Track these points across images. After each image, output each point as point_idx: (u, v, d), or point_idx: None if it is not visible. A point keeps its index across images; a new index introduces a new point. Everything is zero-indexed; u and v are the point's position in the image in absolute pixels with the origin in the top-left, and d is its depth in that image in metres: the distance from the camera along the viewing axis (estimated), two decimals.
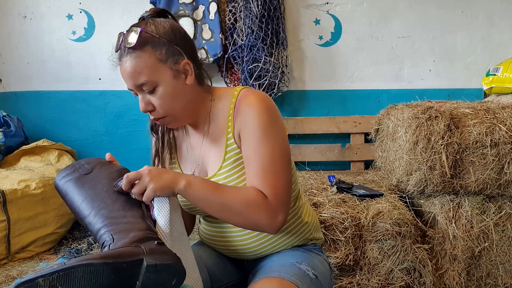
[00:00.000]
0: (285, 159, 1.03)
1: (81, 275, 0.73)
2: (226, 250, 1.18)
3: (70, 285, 0.73)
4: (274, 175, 1.00)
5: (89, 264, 0.73)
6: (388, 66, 2.89)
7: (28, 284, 0.71)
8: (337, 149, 2.86)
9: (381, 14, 2.85)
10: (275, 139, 1.02)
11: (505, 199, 1.98)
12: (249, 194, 0.98)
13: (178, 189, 0.94)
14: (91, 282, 0.73)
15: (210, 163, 1.10)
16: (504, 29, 2.85)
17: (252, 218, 0.97)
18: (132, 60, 1.00)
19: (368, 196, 2.03)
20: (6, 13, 2.93)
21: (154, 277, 0.77)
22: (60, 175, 1.02)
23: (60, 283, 0.72)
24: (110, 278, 0.74)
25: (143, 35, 0.99)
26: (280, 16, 2.72)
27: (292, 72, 2.88)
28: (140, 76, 0.99)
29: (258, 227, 1.00)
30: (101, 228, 0.87)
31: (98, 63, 2.94)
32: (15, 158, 2.60)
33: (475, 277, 1.99)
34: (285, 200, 1.01)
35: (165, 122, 1.07)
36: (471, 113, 1.97)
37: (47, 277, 0.72)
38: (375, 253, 1.84)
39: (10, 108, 2.91)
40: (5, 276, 2.09)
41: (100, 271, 0.74)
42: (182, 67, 1.03)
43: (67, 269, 0.72)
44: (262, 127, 1.01)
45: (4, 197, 2.18)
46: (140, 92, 1.02)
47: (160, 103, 1.02)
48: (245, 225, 1.01)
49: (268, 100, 1.05)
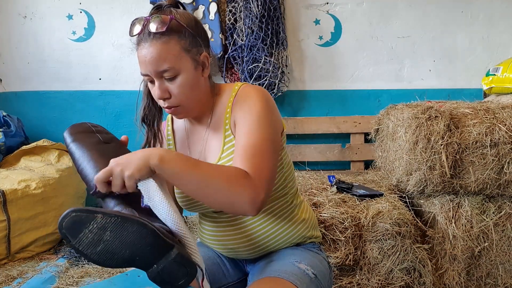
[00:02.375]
0: (273, 147, 1.01)
1: (133, 230, 0.74)
2: (225, 249, 1.18)
3: (118, 234, 0.73)
4: (259, 157, 0.97)
5: (144, 224, 0.74)
6: (388, 66, 2.89)
7: (87, 214, 0.72)
8: (337, 149, 2.86)
9: (381, 14, 2.85)
10: (267, 127, 1.01)
11: (505, 199, 1.98)
12: (231, 171, 0.92)
13: (153, 164, 0.85)
14: (134, 241, 0.74)
15: (210, 155, 1.11)
16: (504, 29, 2.85)
17: (232, 194, 0.89)
18: (158, 46, 0.99)
19: (368, 196, 2.03)
20: (6, 13, 2.93)
21: (175, 267, 0.78)
22: (75, 128, 0.99)
23: (112, 228, 0.73)
24: (147, 247, 0.75)
25: (173, 22, 0.99)
26: (280, 16, 2.72)
27: (292, 72, 2.89)
28: (163, 63, 0.99)
29: (237, 204, 0.91)
30: (121, 204, 0.86)
31: (98, 63, 2.94)
32: (15, 158, 2.60)
33: (475, 277, 1.99)
34: (267, 179, 0.96)
35: (176, 112, 1.06)
36: (471, 113, 1.97)
37: (106, 217, 0.73)
38: (375, 253, 1.84)
39: (10, 108, 2.91)
40: (5, 276, 2.09)
41: (147, 236, 0.75)
42: (202, 59, 1.05)
43: (126, 219, 0.73)
44: (256, 114, 1.02)
45: (4, 197, 2.18)
46: (158, 79, 1.01)
47: (179, 92, 1.02)
48: (223, 202, 0.92)
49: (266, 93, 1.07)
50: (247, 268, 1.22)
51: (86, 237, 0.73)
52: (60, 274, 2.14)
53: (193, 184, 0.89)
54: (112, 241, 0.73)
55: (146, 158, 0.86)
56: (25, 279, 2.08)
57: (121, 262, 0.76)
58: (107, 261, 0.75)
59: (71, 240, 0.73)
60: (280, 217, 1.13)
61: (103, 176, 0.84)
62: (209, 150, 1.11)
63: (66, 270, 2.19)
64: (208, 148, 1.12)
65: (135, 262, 0.77)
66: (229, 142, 1.07)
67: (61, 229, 0.73)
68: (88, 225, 0.72)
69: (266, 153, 0.98)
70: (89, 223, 0.72)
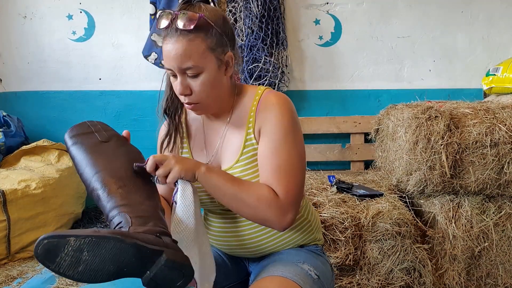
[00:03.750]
0: (301, 162, 1.06)
1: (110, 247, 0.74)
2: (230, 247, 1.17)
3: (96, 253, 0.74)
4: (288, 176, 1.02)
5: (121, 240, 0.74)
6: (388, 66, 2.89)
7: (58, 240, 0.72)
8: (337, 149, 2.86)
9: (381, 14, 2.85)
10: (294, 141, 1.04)
11: (505, 199, 1.98)
12: (261, 190, 1.00)
13: (199, 173, 0.97)
14: (115, 256, 0.74)
15: (227, 156, 1.11)
16: (504, 29, 2.85)
17: (262, 213, 0.99)
18: (183, 43, 0.98)
19: (368, 196, 2.03)
20: (6, 13, 2.93)
21: (167, 272, 0.78)
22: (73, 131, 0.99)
23: (88, 249, 0.73)
24: (132, 258, 0.75)
25: (201, 21, 0.99)
26: (280, 16, 2.72)
27: (292, 72, 2.89)
28: (187, 60, 0.99)
29: (267, 223, 1.02)
30: (120, 206, 0.86)
31: (98, 63, 2.94)
32: (15, 158, 2.60)
33: (475, 277, 1.99)
34: (295, 200, 1.03)
35: (196, 108, 1.07)
36: (471, 113, 1.97)
37: (80, 239, 0.73)
38: (375, 253, 1.84)
39: (10, 108, 2.91)
40: (5, 276, 2.09)
41: (128, 249, 0.75)
42: (226, 58, 1.05)
43: (100, 237, 0.73)
44: (283, 128, 1.04)
45: (4, 197, 2.18)
46: (181, 75, 1.01)
47: (200, 89, 1.02)
48: (254, 218, 1.03)
49: (291, 103, 1.08)
50: (249, 267, 1.22)
51: (63, 260, 0.73)
52: None
53: (227, 196, 1.00)
54: (92, 260, 0.73)
55: (196, 165, 0.98)
56: (25, 279, 2.08)
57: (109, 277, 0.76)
58: (92, 279, 0.75)
59: (50, 265, 0.73)
60: None
61: (159, 158, 0.95)
62: (226, 148, 1.12)
63: None
64: (225, 146, 1.12)
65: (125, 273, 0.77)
66: (250, 146, 1.08)
67: (37, 256, 0.73)
68: (63, 249, 0.72)
69: (294, 171, 1.03)
70: (63, 247, 0.72)
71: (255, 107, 1.08)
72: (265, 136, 1.05)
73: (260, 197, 0.99)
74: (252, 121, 1.08)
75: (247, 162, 1.07)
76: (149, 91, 2.88)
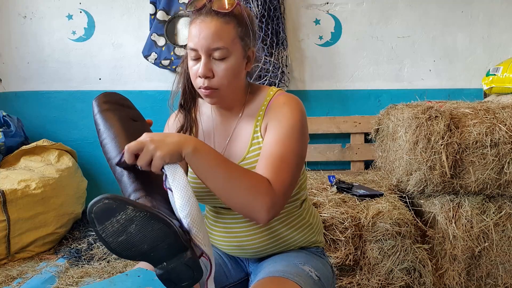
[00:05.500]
0: (300, 161, 1.04)
1: (157, 228, 0.74)
2: (231, 246, 1.17)
3: (142, 229, 0.74)
4: (285, 170, 0.99)
5: (169, 225, 0.74)
6: (388, 66, 2.89)
7: (119, 204, 0.72)
8: (337, 149, 2.86)
9: (381, 14, 2.85)
10: (298, 141, 1.03)
11: (505, 199, 1.98)
12: (256, 177, 0.94)
13: (185, 152, 0.86)
14: (156, 238, 0.75)
15: (234, 153, 1.11)
16: (504, 29, 2.85)
17: (252, 198, 0.91)
18: (217, 23, 1.00)
19: (368, 196, 2.03)
20: (6, 13, 2.93)
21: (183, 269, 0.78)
22: (106, 97, 0.98)
23: (138, 222, 0.73)
24: (166, 245, 0.75)
25: (237, 8, 1.01)
26: (280, 16, 2.72)
27: (292, 72, 2.88)
28: (218, 40, 1.00)
29: (252, 214, 0.93)
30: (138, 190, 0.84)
31: (98, 63, 2.94)
32: (15, 158, 2.60)
33: (475, 277, 1.99)
34: (286, 193, 0.98)
35: (212, 95, 1.05)
36: (471, 113, 1.97)
37: (136, 211, 0.73)
38: (375, 253, 1.84)
39: (10, 108, 2.91)
40: (5, 276, 2.09)
41: (168, 236, 0.75)
42: (249, 53, 1.08)
43: (153, 216, 0.73)
44: (289, 125, 1.03)
45: (4, 197, 2.18)
46: (206, 56, 1.01)
47: (223, 74, 1.02)
48: (241, 204, 0.93)
49: (302, 105, 1.09)
50: (249, 268, 1.22)
51: (112, 225, 0.73)
52: (60, 274, 2.14)
53: (218, 180, 0.90)
54: (135, 234, 0.74)
55: (181, 144, 0.86)
56: (25, 279, 2.08)
57: (137, 255, 0.76)
58: (124, 251, 0.75)
59: (97, 226, 0.73)
60: (289, 220, 1.14)
61: (135, 147, 0.83)
62: (234, 146, 1.12)
63: (66, 270, 2.19)
64: (232, 143, 1.12)
65: (149, 257, 0.77)
66: (256, 145, 1.08)
67: (90, 213, 0.72)
68: (117, 215, 0.72)
69: (291, 166, 1.00)
70: (119, 213, 0.72)
71: (265, 106, 1.09)
72: (270, 130, 1.04)
73: (253, 183, 0.91)
74: (260, 119, 1.09)
75: (253, 160, 1.07)
76: (149, 91, 2.88)
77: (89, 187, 2.83)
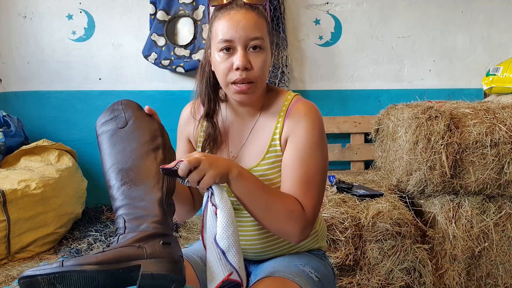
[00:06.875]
0: (324, 176, 1.06)
1: (76, 278, 0.76)
2: None
3: (68, 285, 0.76)
4: (314, 190, 1.01)
5: (82, 271, 0.76)
6: (388, 66, 2.89)
7: (30, 279, 0.75)
8: (337, 149, 2.86)
9: (381, 14, 2.85)
10: (322, 154, 1.04)
11: (505, 199, 1.98)
12: (293, 203, 0.98)
13: (231, 176, 0.91)
14: (88, 284, 0.76)
15: (247, 157, 1.09)
16: (504, 29, 2.85)
17: (288, 226, 0.97)
18: (253, 15, 1.01)
19: (368, 196, 2.03)
20: (6, 13, 2.93)
21: (151, 283, 0.78)
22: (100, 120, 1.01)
23: (58, 282, 0.76)
24: (105, 281, 0.77)
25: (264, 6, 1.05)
26: (280, 16, 2.72)
27: (292, 72, 2.88)
28: (257, 30, 1.00)
29: (286, 235, 0.99)
30: (120, 208, 0.87)
31: (98, 63, 2.94)
32: (15, 158, 2.60)
33: (475, 277, 1.99)
34: (316, 214, 1.02)
35: (249, 90, 1.02)
36: (471, 113, 1.97)
37: (44, 277, 0.75)
38: (375, 253, 1.84)
39: (10, 108, 2.90)
40: (5, 276, 2.09)
41: (95, 276, 0.76)
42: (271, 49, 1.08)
43: (62, 272, 0.76)
44: (313, 140, 1.03)
45: (4, 197, 2.18)
46: (242, 48, 1.00)
47: (260, 66, 1.01)
48: (276, 228, 0.98)
49: (320, 114, 1.08)
50: (249, 268, 1.22)
51: None
52: None
53: (257, 204, 0.95)
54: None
55: (229, 168, 0.91)
56: None
57: None
58: None
59: None
60: None
61: (194, 163, 0.86)
62: (248, 149, 1.10)
63: None
64: (247, 147, 1.10)
65: None
66: (273, 152, 1.06)
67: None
68: (38, 286, 0.76)
69: (317, 185, 1.02)
70: (37, 284, 0.76)
71: (284, 113, 1.07)
72: (292, 145, 1.03)
73: (292, 211, 0.96)
74: (280, 127, 1.06)
75: (268, 167, 1.06)
76: (149, 91, 2.88)
77: (89, 187, 2.83)
